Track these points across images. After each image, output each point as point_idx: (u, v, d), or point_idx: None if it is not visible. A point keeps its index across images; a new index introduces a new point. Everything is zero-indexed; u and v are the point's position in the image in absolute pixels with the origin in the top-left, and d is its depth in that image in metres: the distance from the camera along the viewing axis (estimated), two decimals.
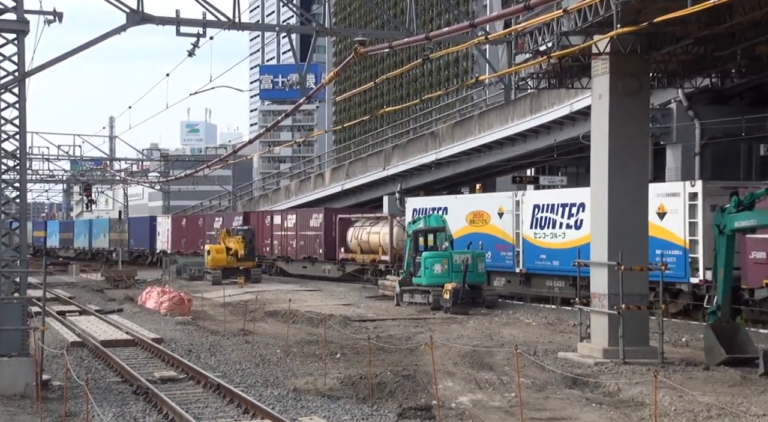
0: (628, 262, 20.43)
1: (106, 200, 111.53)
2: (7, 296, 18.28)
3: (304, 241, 51.38)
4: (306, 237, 51.22)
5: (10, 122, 18.75)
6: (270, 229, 55.42)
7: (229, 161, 58.10)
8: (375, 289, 39.97)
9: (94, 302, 38.71)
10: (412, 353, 22.14)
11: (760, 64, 22.65)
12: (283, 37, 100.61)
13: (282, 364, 21.40)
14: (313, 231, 50.53)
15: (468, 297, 32.11)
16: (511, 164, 48.64)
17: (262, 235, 55.42)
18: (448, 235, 34.68)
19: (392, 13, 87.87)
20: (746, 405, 15.71)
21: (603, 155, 21.28)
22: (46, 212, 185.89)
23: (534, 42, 21.74)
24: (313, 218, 50.96)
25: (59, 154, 73.06)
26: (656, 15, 16.82)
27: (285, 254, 53.57)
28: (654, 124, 34.79)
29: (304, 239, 51.40)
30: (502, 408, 16.31)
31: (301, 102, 31.10)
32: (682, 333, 25.09)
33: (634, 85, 21.06)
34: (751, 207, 19.81)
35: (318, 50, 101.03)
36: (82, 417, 15.30)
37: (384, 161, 55.83)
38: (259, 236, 54.65)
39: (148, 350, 23.97)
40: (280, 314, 31.28)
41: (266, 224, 55.86)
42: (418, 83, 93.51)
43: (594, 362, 20.31)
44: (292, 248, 52.74)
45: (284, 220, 53.91)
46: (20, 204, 18.95)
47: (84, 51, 21.64)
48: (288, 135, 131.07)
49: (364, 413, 15.96)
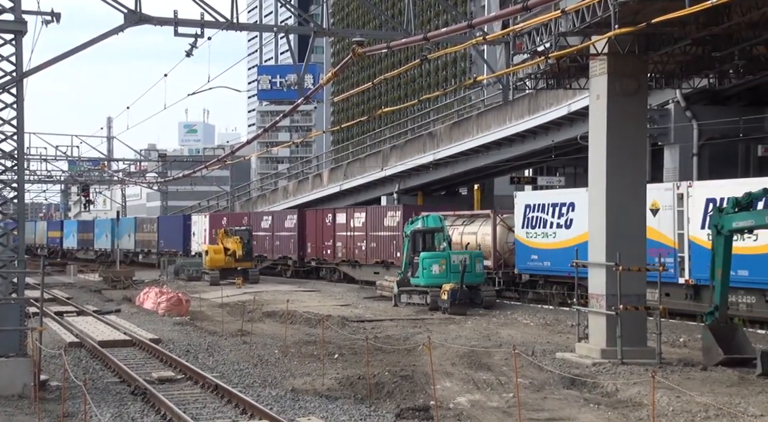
0: (625, 262, 20.44)
1: (104, 200, 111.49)
2: (5, 297, 18.27)
3: (377, 243, 44.83)
4: (379, 238, 44.76)
5: (8, 123, 18.75)
6: (332, 228, 48.89)
7: (227, 161, 58.12)
8: (373, 290, 39.95)
9: (92, 303, 38.70)
10: (410, 353, 22.14)
11: (757, 65, 22.66)
12: (281, 38, 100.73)
13: (280, 364, 21.39)
14: (388, 231, 44.06)
15: (466, 298, 32.13)
16: (509, 164, 48.67)
17: (321, 235, 49.96)
18: (446, 235, 34.68)
19: (390, 13, 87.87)
20: (744, 405, 15.72)
21: (601, 155, 21.30)
22: (44, 213, 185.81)
23: (532, 43, 21.75)
24: (388, 216, 44.44)
25: (57, 154, 72.97)
26: (654, 16, 16.82)
27: (351, 257, 47.16)
28: (652, 124, 34.80)
29: (376, 240, 44.95)
30: (500, 408, 16.31)
31: (299, 102, 31.08)
32: (679, 333, 25.11)
33: (632, 86, 21.08)
34: (749, 207, 19.82)
35: (316, 51, 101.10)
36: (79, 417, 15.31)
37: (382, 162, 55.87)
38: (316, 236, 50.25)
39: (145, 350, 23.96)
40: (278, 315, 31.28)
41: (326, 222, 49.58)
42: (416, 84, 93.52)
43: (592, 362, 20.32)
44: (360, 250, 46.24)
45: (350, 219, 47.41)
46: (18, 205, 18.95)
47: (82, 51, 21.66)
48: (286, 136, 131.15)
49: (362, 413, 15.96)
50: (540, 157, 44.84)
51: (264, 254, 56.10)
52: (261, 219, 57.63)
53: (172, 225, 68.99)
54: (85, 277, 57.45)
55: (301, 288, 44.38)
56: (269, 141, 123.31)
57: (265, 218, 57.32)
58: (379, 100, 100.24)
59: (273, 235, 55.59)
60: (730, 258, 20.46)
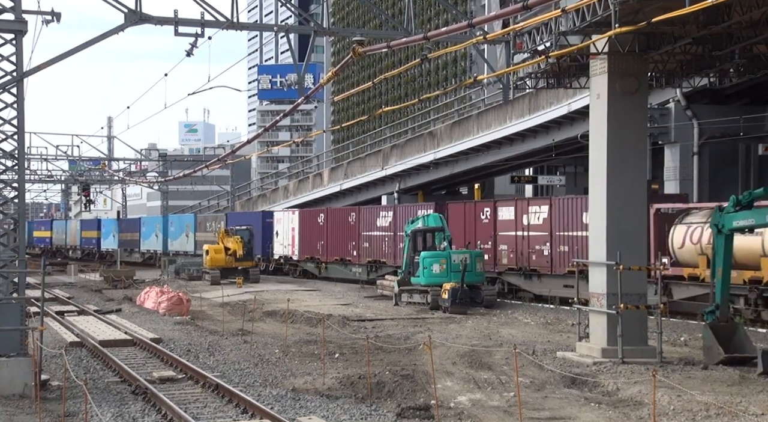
0: (626, 262, 20.45)
1: (105, 200, 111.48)
2: (6, 297, 18.27)
3: (568, 245, 33.33)
4: (573, 239, 32.96)
5: (9, 122, 18.75)
6: (519, 224, 35.68)
7: (227, 161, 58.11)
8: (373, 289, 39.96)
9: (93, 303, 38.71)
10: (411, 352, 22.14)
11: (758, 64, 22.66)
12: (281, 37, 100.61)
13: (281, 364, 21.40)
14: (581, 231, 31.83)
15: (466, 297, 32.13)
16: (509, 163, 48.70)
17: (474, 232, 37.65)
18: (446, 235, 34.67)
19: (390, 13, 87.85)
20: (745, 404, 15.72)
21: (601, 154, 21.30)
22: (45, 212, 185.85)
23: (532, 42, 21.75)
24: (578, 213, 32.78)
25: (57, 154, 72.94)
26: (654, 15, 16.83)
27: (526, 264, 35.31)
28: (652, 123, 34.84)
29: (568, 242, 33.35)
30: (501, 407, 16.32)
31: (300, 102, 31.06)
32: (680, 332, 25.12)
33: (633, 85, 21.07)
34: (750, 206, 19.83)
35: (316, 50, 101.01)
36: (80, 417, 15.31)
37: (382, 161, 55.90)
38: (471, 233, 37.80)
39: (146, 350, 23.97)
40: (279, 314, 31.28)
41: (482, 220, 37.81)
42: (416, 83, 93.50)
43: (593, 361, 20.32)
44: (541, 255, 34.65)
45: (523, 213, 35.52)
46: (19, 204, 18.95)
47: (82, 51, 21.65)
48: (286, 135, 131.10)
49: (363, 413, 15.97)
50: (540, 156, 44.86)
51: (381, 258, 44.06)
52: (375, 215, 45.40)
53: (247, 223, 55.43)
54: (85, 277, 57.45)
55: (302, 288, 44.38)
56: (269, 140, 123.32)
57: (384, 213, 44.64)
58: (379, 99, 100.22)
59: (396, 236, 42.60)
60: (730, 257, 20.47)
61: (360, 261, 45.88)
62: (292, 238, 52.41)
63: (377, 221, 44.68)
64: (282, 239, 53.85)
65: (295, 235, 51.93)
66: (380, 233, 44.31)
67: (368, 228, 45.35)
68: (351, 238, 46.60)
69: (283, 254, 53.39)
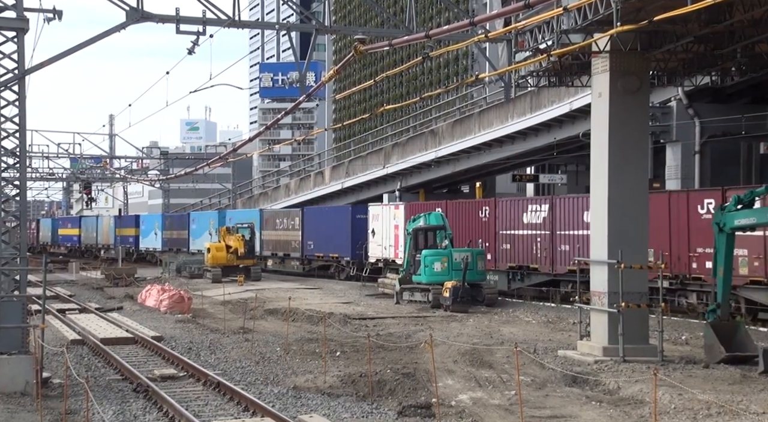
0: (627, 260, 20.44)
1: (106, 198, 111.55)
2: (7, 294, 18.29)
3: None
4: None
5: (10, 120, 18.76)
6: None
7: (228, 159, 58.08)
8: (375, 287, 39.96)
9: (94, 300, 38.73)
10: (412, 351, 22.15)
11: (760, 63, 22.65)
12: (282, 35, 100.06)
13: (282, 362, 21.41)
14: None
15: (468, 295, 32.12)
16: (510, 162, 48.67)
17: None
18: (448, 233, 34.68)
19: (392, 11, 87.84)
20: (746, 403, 15.72)
21: (603, 153, 21.30)
22: (46, 210, 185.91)
23: (534, 40, 21.74)
24: None
25: (59, 152, 73.08)
26: (656, 13, 16.81)
27: None
28: (654, 122, 34.81)
29: None
30: (502, 406, 16.32)
31: (301, 100, 31.07)
32: (681, 331, 25.11)
33: (634, 84, 21.06)
34: (751, 205, 19.81)
35: (318, 48, 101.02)
36: (82, 414, 15.31)
37: (384, 159, 55.89)
38: None
39: (148, 348, 23.98)
40: (280, 313, 31.29)
41: None
42: (417, 81, 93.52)
43: (594, 360, 20.32)
44: None
45: None
46: (20, 202, 18.95)
47: (84, 49, 21.67)
48: (288, 133, 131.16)
49: (364, 411, 15.97)
50: (542, 154, 44.85)
51: (531, 263, 35.66)
52: (523, 209, 36.66)
53: (331, 220, 49.01)
54: (87, 274, 57.48)
55: (303, 286, 44.38)
56: (271, 139, 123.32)
57: (538, 206, 35.99)
58: (380, 97, 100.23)
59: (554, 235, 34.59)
60: (732, 256, 20.46)
61: (497, 267, 36.97)
62: (395, 238, 42.36)
63: (523, 216, 36.17)
64: (380, 238, 43.78)
65: (400, 234, 41.43)
66: (529, 232, 35.68)
67: (510, 226, 36.76)
68: (483, 238, 37.12)
69: (383, 257, 43.44)
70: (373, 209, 46.14)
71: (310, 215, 52.10)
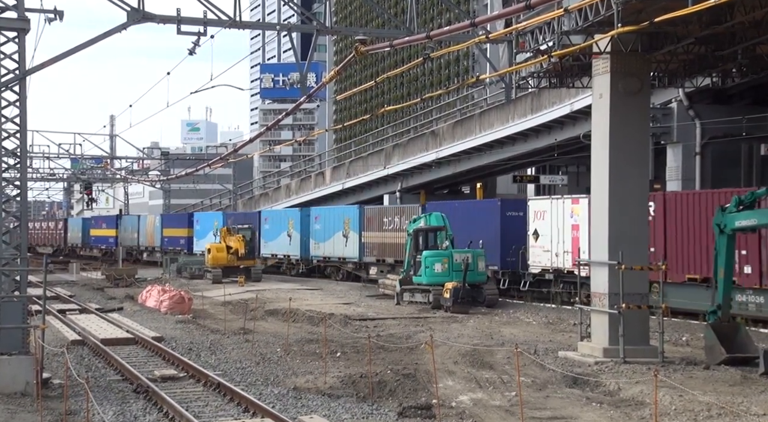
0: (628, 261, 20.44)
1: (107, 198, 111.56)
2: (8, 295, 18.29)
3: None
4: None
5: (11, 120, 18.76)
6: None
7: (229, 159, 58.13)
8: (375, 288, 39.96)
9: (95, 301, 38.72)
10: (413, 352, 22.15)
11: (761, 64, 22.66)
12: (283, 36, 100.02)
13: (282, 363, 21.41)
14: None
15: (468, 296, 32.13)
16: (511, 163, 48.71)
17: None
18: (448, 234, 34.66)
19: (393, 12, 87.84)
20: (746, 404, 15.71)
21: (603, 154, 21.29)
22: (47, 211, 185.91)
23: (535, 41, 21.74)
24: None
25: (60, 152, 73.07)
26: (657, 14, 16.82)
27: None
28: (655, 123, 34.81)
29: None
30: (503, 407, 16.31)
31: (302, 101, 31.12)
32: (682, 332, 25.10)
33: (635, 85, 21.06)
34: (752, 206, 19.81)
35: (318, 49, 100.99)
36: (82, 415, 15.31)
37: (384, 160, 55.91)
38: None
39: (148, 348, 23.98)
40: (281, 313, 31.30)
41: None
42: (418, 82, 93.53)
43: (594, 361, 20.32)
44: None
45: None
46: (21, 202, 18.96)
47: (85, 49, 21.68)
48: (288, 134, 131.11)
49: (365, 412, 15.97)
50: (543, 155, 44.86)
51: None
52: None
53: (469, 219, 38.09)
54: (87, 275, 57.49)
55: (304, 287, 44.38)
56: (272, 139, 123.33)
57: None
58: (381, 98, 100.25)
59: None
60: (732, 257, 20.45)
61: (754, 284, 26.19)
62: (573, 241, 33.30)
63: None
64: (547, 241, 34.57)
65: (579, 236, 32.58)
66: None
67: None
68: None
69: (554, 266, 34.10)
70: (536, 204, 35.78)
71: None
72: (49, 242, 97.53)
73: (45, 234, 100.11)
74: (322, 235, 49.90)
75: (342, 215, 48.41)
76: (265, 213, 58.80)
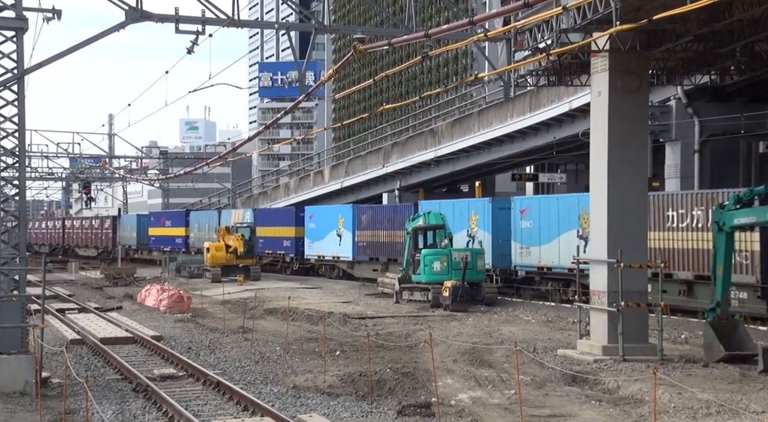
0: (627, 259, 20.44)
1: (105, 197, 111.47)
2: (7, 294, 18.28)
3: None
4: None
5: (9, 120, 18.75)
6: None
7: (228, 158, 58.09)
8: (374, 287, 39.96)
9: (94, 300, 38.72)
10: (412, 350, 22.15)
11: (759, 62, 22.65)
12: (282, 35, 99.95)
13: (281, 361, 21.41)
14: None
15: (467, 295, 32.13)
16: (510, 161, 48.67)
17: None
18: (447, 232, 34.66)
19: (391, 10, 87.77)
20: (745, 401, 15.72)
21: (602, 152, 21.29)
22: (45, 210, 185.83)
23: (533, 39, 21.73)
24: None
25: (58, 151, 73.06)
26: (655, 12, 16.81)
27: None
28: (653, 121, 34.81)
29: None
30: (502, 405, 16.32)
31: (301, 99, 31.09)
32: (681, 330, 25.11)
33: (634, 83, 21.06)
34: (750, 204, 19.81)
35: (317, 48, 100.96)
36: (81, 414, 15.31)
37: (383, 159, 55.90)
38: None
39: (147, 347, 23.98)
40: (280, 312, 31.30)
41: None
42: (417, 81, 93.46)
43: (593, 359, 20.32)
44: None
45: None
46: (19, 202, 18.95)
47: (83, 48, 21.66)
48: (287, 132, 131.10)
49: (364, 410, 15.97)
50: (541, 154, 44.84)
51: None
52: None
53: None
54: (86, 274, 57.47)
55: (303, 285, 44.37)
56: (270, 138, 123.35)
57: None
58: (380, 97, 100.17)
59: None
60: (731, 255, 20.45)
61: None
62: None
63: None
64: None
65: None
66: None
67: None
68: None
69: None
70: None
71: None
72: (92, 243, 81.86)
73: (88, 235, 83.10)
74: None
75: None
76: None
